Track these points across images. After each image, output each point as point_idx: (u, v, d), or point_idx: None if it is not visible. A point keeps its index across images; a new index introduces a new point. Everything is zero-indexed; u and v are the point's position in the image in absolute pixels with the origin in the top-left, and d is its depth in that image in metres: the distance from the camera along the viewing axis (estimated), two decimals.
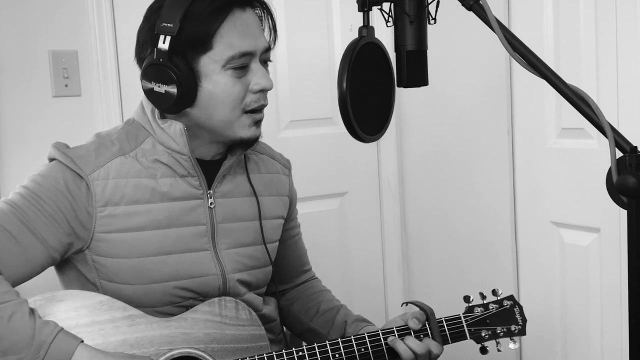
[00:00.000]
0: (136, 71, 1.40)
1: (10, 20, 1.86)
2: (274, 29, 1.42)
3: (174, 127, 1.37)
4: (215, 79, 1.33)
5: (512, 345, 1.46)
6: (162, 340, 1.32)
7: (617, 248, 2.04)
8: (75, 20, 1.94)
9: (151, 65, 1.32)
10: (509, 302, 1.48)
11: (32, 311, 1.24)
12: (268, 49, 1.39)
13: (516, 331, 1.47)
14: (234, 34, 1.32)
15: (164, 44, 1.29)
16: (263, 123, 1.43)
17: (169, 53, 1.30)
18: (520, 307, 1.49)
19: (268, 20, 1.41)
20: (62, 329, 1.23)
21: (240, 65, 1.33)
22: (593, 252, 2.15)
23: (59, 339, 1.21)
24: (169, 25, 1.29)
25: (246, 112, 1.37)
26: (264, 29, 1.40)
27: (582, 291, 2.20)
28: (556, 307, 2.30)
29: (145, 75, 1.34)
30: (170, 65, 1.30)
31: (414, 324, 1.41)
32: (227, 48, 1.32)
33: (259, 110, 1.38)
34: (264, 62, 1.39)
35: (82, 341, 1.24)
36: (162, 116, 1.40)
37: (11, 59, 1.87)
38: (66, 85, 1.94)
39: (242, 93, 1.35)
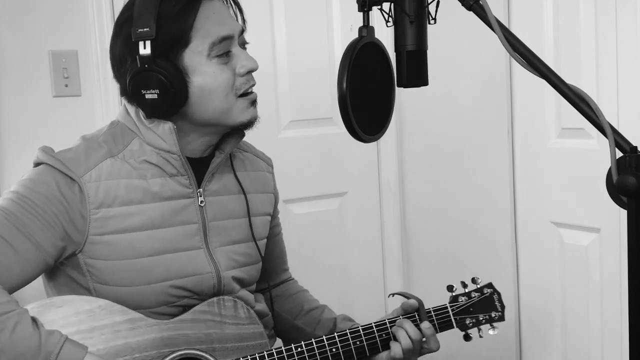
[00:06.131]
0: None
1: (10, 20, 1.86)
2: (241, 12, 1.43)
3: (163, 126, 1.36)
4: (203, 70, 1.33)
5: (491, 332, 1.52)
6: (164, 342, 1.32)
7: (617, 248, 2.04)
8: (75, 20, 1.94)
9: (138, 73, 1.31)
10: (489, 290, 1.54)
11: (34, 320, 1.22)
12: (243, 32, 1.41)
13: (496, 317, 1.53)
14: (208, 24, 1.33)
15: (145, 49, 1.29)
16: (263, 123, 1.44)
17: (152, 57, 1.29)
18: (499, 294, 1.54)
19: (232, 5, 1.42)
20: (67, 337, 1.22)
21: (224, 51, 1.34)
22: (593, 252, 2.15)
23: (66, 348, 1.20)
24: (145, 29, 1.28)
25: (239, 96, 1.38)
26: (233, 15, 1.41)
27: (582, 291, 2.20)
28: (556, 307, 2.30)
29: (134, 86, 1.32)
30: (156, 69, 1.30)
31: (409, 306, 1.47)
32: (206, 37, 1.32)
33: (251, 91, 1.40)
34: (242, 45, 1.40)
35: (89, 349, 1.23)
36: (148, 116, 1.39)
37: (11, 59, 1.87)
38: (66, 85, 1.93)
39: (231, 78, 1.36)
